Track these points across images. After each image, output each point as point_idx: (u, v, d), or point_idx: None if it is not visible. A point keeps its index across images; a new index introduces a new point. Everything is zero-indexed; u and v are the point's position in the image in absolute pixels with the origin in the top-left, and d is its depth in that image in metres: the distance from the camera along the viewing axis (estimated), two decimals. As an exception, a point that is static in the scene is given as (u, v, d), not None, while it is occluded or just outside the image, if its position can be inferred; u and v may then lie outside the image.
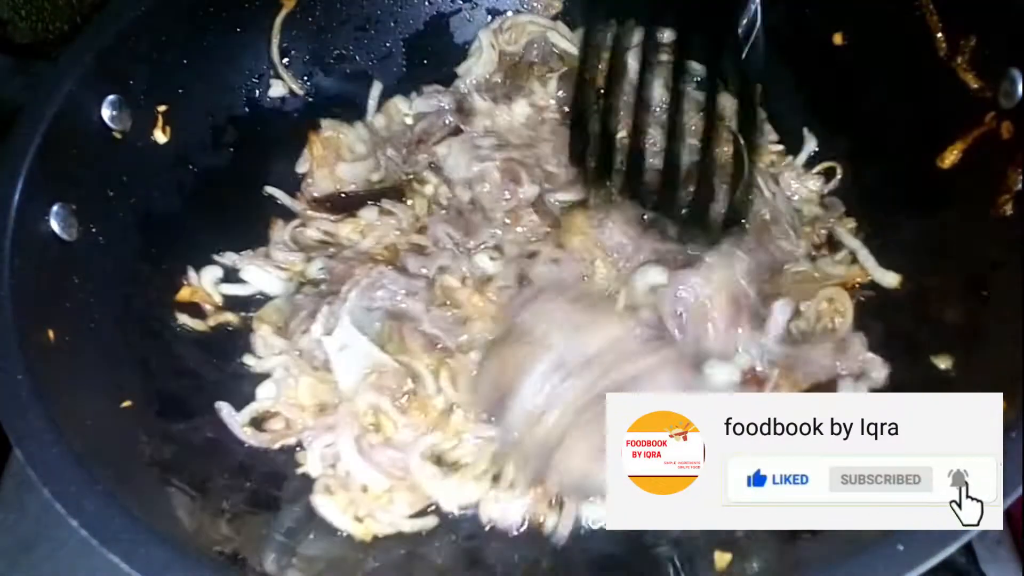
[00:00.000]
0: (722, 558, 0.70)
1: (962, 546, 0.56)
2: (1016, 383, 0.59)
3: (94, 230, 0.78)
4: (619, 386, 0.74)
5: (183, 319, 0.87)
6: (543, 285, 0.85)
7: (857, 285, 0.86)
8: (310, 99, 1.03)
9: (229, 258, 0.91)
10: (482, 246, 0.90)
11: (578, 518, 0.76)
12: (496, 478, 0.78)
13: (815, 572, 0.62)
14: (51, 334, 0.71)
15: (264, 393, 0.84)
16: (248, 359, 0.87)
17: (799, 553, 0.65)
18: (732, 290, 0.81)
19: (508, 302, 0.84)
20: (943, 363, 0.74)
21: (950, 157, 0.78)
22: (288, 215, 0.97)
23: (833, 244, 0.90)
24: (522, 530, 0.77)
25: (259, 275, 0.91)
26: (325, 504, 0.77)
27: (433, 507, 0.78)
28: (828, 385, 0.80)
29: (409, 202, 0.96)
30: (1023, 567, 0.79)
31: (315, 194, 0.98)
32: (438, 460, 0.79)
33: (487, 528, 0.77)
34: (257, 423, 0.82)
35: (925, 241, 0.82)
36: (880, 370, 0.79)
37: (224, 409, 0.81)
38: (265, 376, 0.85)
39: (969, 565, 0.78)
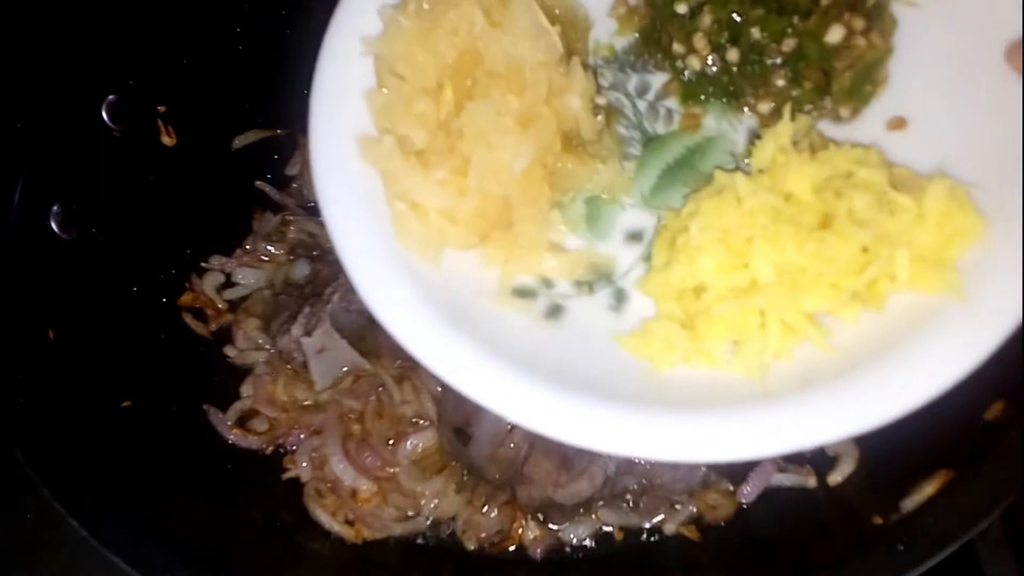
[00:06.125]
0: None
1: (962, 546, 0.56)
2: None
3: (94, 230, 0.78)
4: None
5: (187, 321, 0.87)
6: None
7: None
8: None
9: (218, 261, 0.90)
10: None
11: (560, 540, 0.77)
12: (470, 494, 0.78)
13: (817, 572, 0.62)
14: (51, 334, 0.71)
15: (247, 391, 0.84)
16: (229, 350, 0.87)
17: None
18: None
19: None
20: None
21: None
22: (275, 209, 0.95)
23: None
24: (497, 546, 0.77)
25: (249, 274, 0.90)
26: (316, 508, 0.78)
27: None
28: None
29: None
30: (1023, 567, 0.79)
31: (304, 195, 0.97)
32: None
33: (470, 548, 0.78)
34: (243, 423, 0.83)
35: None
36: None
37: (211, 411, 0.81)
38: (248, 373, 0.85)
39: (969, 565, 0.77)
